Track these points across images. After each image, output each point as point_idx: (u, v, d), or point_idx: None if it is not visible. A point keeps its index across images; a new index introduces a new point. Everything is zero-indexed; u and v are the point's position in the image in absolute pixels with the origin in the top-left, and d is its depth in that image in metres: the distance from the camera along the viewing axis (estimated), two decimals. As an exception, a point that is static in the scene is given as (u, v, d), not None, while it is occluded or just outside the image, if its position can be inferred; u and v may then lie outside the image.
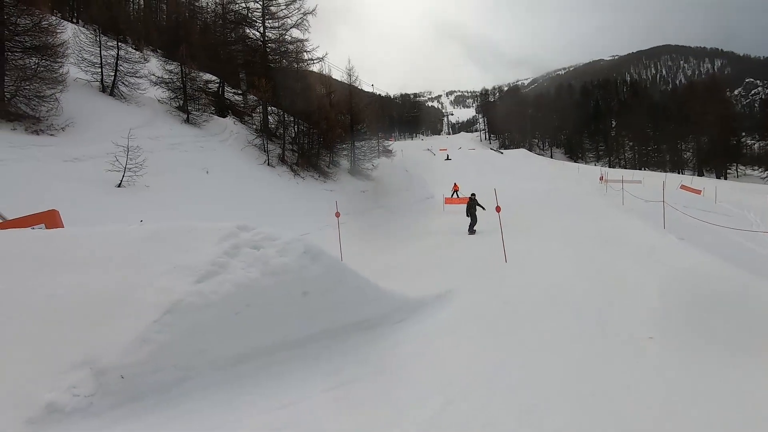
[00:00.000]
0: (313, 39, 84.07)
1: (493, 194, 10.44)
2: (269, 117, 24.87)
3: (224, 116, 24.34)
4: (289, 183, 21.02)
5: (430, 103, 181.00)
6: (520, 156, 58.01)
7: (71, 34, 17.45)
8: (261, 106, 25.33)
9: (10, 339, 2.36)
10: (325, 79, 30.00)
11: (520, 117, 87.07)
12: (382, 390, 2.99)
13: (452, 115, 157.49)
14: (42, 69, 14.01)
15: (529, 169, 45.21)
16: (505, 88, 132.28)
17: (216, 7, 31.58)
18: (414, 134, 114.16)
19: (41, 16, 14.35)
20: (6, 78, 13.19)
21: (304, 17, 26.15)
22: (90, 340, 2.31)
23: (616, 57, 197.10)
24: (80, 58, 17.67)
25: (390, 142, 55.05)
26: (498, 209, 9.92)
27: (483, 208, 12.73)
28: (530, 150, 74.70)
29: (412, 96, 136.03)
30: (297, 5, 25.86)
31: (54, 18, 16.28)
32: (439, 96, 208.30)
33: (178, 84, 21.15)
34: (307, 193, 20.69)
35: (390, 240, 14.78)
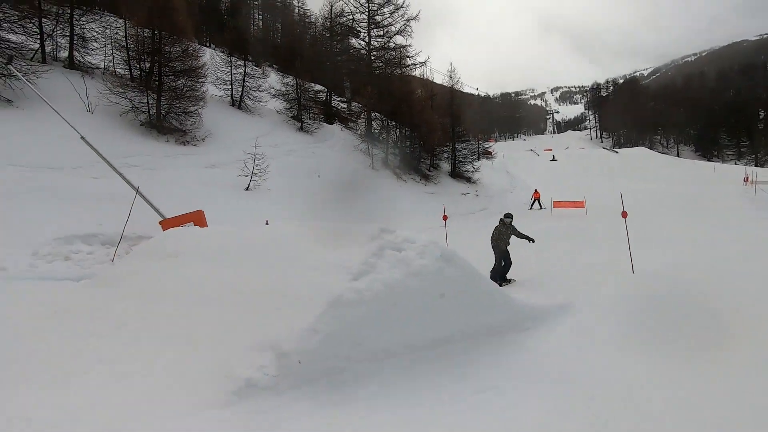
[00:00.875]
0: (414, 44, 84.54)
1: (612, 198, 9.63)
2: (373, 122, 25.86)
3: (332, 123, 25.94)
4: (392, 186, 21.61)
5: (532, 102, 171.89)
6: (639, 155, 52.17)
7: (208, 57, 20.11)
8: (365, 112, 26.47)
9: (212, 322, 2.82)
10: (427, 83, 30.28)
11: (638, 112, 78.40)
12: (533, 399, 2.94)
13: (558, 112, 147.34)
14: (188, 89, 16.37)
15: (652, 169, 40.47)
16: (620, 81, 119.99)
17: (324, 21, 33.84)
18: (515, 134, 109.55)
19: (188, 44, 16.76)
20: (162, 98, 15.64)
21: (408, 23, 26.74)
22: (271, 327, 2.66)
23: (764, 36, 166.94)
24: (215, 77, 20.28)
25: (490, 144, 53.48)
26: (624, 215, 9.10)
27: (530, 240, 8.64)
28: (651, 148, 66.80)
29: (513, 95, 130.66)
30: (401, 12, 26.55)
31: (196, 44, 18.87)
32: (543, 93, 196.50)
33: (293, 95, 23.09)
34: (409, 195, 21.07)
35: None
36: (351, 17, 28.08)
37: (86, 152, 9.63)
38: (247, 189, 14.54)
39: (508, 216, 8.79)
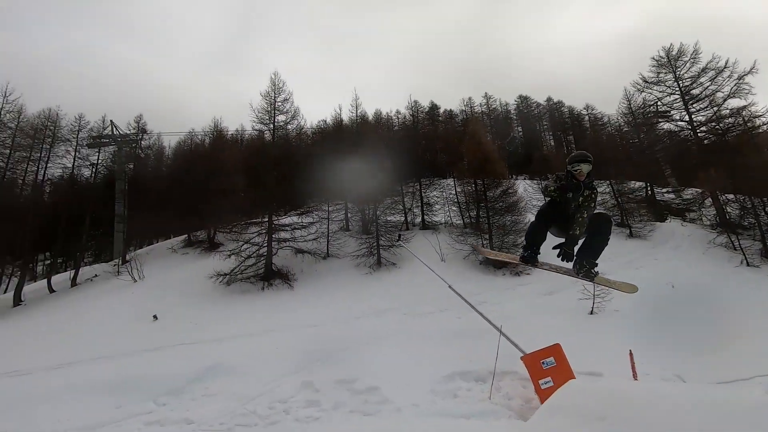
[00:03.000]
0: (758, 99, 66.60)
1: None
2: (726, 207, 20.65)
3: (663, 220, 22.36)
4: (792, 286, 15.65)
5: None
6: None
7: (521, 189, 21.93)
8: (709, 197, 21.63)
9: None
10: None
11: None
12: None
13: None
14: (512, 223, 17.98)
15: None
16: None
17: (622, 117, 31.99)
18: None
19: (505, 184, 18.96)
20: (493, 236, 17.67)
21: (740, 81, 21.82)
22: None
23: None
24: (531, 206, 21.61)
25: None
26: None
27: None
28: None
29: None
30: (726, 73, 22.15)
31: (510, 181, 21.08)
32: None
33: (612, 201, 21.67)
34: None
35: None
36: (655, 103, 25.46)
37: (449, 296, 11.36)
38: (591, 313, 13.57)
39: (583, 159, 4.52)
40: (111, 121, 23.60)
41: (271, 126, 19.05)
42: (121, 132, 23.97)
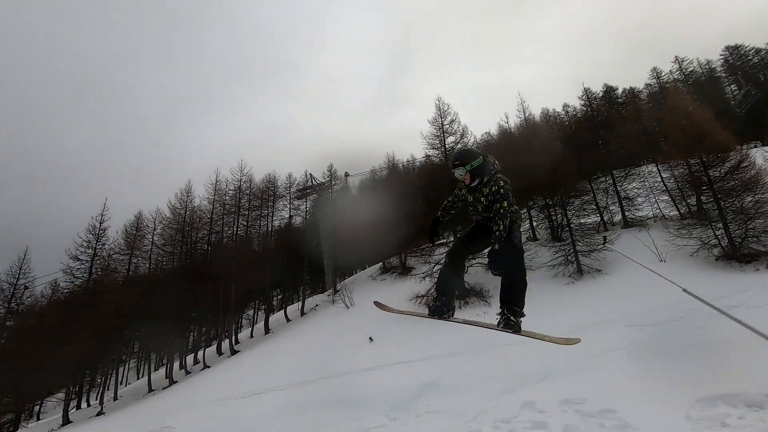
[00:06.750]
0: None
1: None
2: None
3: None
4: None
5: None
6: None
7: (760, 158, 16.95)
8: None
9: None
10: None
11: None
12: None
13: None
14: (756, 204, 13.96)
15: None
16: None
17: None
18: None
19: (736, 156, 14.95)
20: (729, 225, 14.01)
21: None
22: None
23: None
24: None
25: None
26: None
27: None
28: None
29: None
30: None
31: (743, 151, 16.49)
32: None
33: None
34: None
35: None
36: None
37: (684, 303, 9.38)
38: None
39: (453, 165, 3.33)
40: (310, 174, 27.89)
41: (443, 149, 19.52)
42: (318, 181, 28.06)
